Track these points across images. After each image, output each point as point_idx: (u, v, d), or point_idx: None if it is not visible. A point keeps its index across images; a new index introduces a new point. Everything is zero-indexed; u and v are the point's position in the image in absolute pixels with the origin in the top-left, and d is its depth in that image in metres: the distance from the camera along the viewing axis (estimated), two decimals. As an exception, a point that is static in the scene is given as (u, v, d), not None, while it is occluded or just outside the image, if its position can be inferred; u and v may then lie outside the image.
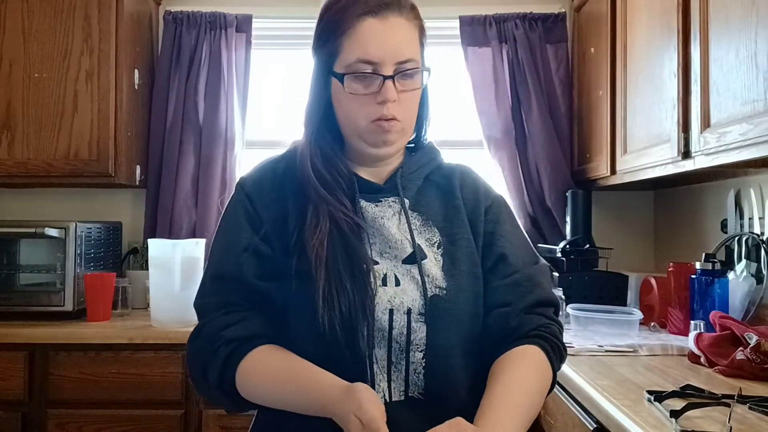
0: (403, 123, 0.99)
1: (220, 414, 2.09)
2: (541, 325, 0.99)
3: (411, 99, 1.00)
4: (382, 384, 0.93)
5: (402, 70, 0.96)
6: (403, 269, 0.98)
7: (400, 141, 1.01)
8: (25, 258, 2.44)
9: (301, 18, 2.78)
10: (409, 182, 1.05)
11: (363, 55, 0.96)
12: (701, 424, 1.11)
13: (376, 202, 1.02)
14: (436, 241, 1.01)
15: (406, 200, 1.03)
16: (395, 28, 0.97)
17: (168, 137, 2.66)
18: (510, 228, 1.07)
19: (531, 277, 1.03)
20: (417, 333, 0.94)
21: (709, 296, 1.81)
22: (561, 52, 2.68)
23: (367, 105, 0.97)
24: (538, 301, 1.02)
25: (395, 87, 0.96)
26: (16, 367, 2.10)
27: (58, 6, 2.41)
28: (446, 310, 0.96)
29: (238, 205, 1.02)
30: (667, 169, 1.80)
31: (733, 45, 1.43)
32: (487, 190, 1.10)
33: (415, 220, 1.02)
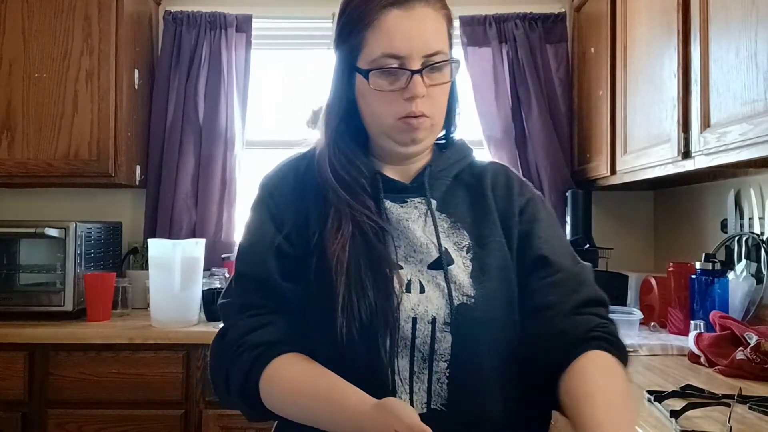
0: (433, 119, 0.94)
1: (220, 414, 2.09)
2: (598, 326, 0.91)
3: (440, 93, 0.94)
4: (404, 396, 0.88)
5: (430, 64, 0.91)
6: (428, 275, 0.92)
7: (429, 138, 0.97)
8: (25, 258, 2.44)
9: (301, 18, 2.79)
10: (436, 181, 0.99)
11: (388, 49, 0.90)
12: (701, 424, 1.11)
13: (402, 203, 0.97)
14: (465, 244, 0.95)
15: (433, 201, 0.98)
16: (422, 18, 0.91)
17: (168, 137, 2.66)
18: (548, 227, 1.00)
19: (576, 275, 0.96)
20: (441, 343, 0.89)
21: (709, 296, 1.81)
22: (561, 52, 2.68)
23: (394, 102, 0.92)
24: (587, 299, 0.94)
25: (423, 81, 0.91)
26: (16, 367, 2.10)
27: (58, 6, 2.41)
28: (474, 319, 0.90)
29: (262, 204, 0.99)
30: (667, 169, 1.80)
31: (733, 45, 1.43)
32: (521, 189, 1.03)
33: (442, 222, 0.97)
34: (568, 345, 0.88)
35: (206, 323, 2.26)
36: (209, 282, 2.41)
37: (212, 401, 2.10)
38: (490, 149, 2.65)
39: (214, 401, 2.10)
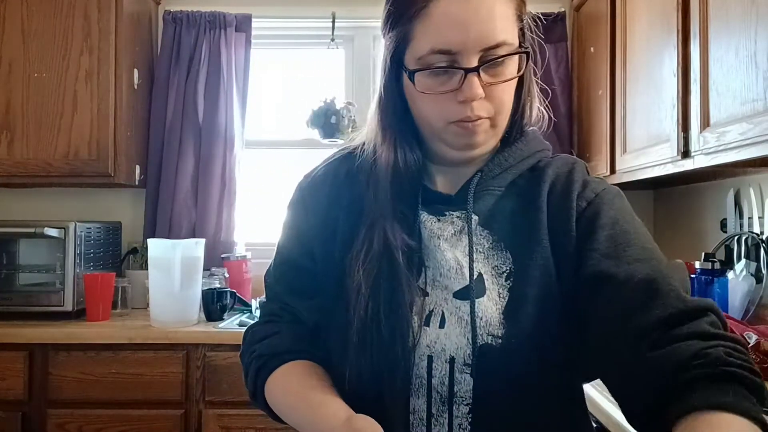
0: (495, 120, 0.80)
1: (220, 414, 2.09)
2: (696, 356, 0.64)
3: (503, 91, 0.79)
4: None
5: (490, 59, 0.76)
6: (452, 305, 0.80)
7: (491, 141, 0.83)
8: (24, 258, 2.43)
9: (301, 18, 2.78)
10: (485, 190, 0.84)
11: (438, 43, 0.75)
12: (701, 424, 1.10)
13: (439, 216, 0.84)
14: (505, 270, 0.81)
15: (475, 216, 0.83)
16: (481, 4, 0.75)
17: (168, 137, 2.66)
18: (611, 232, 0.79)
19: (647, 284, 0.72)
20: (462, 385, 0.78)
21: (709, 296, 1.81)
22: (561, 51, 2.68)
23: (446, 104, 0.78)
24: (667, 316, 0.68)
25: (481, 80, 0.76)
26: (16, 367, 2.10)
27: (57, 6, 2.41)
28: (501, 364, 0.77)
29: (292, 208, 0.93)
30: (666, 169, 1.80)
31: (732, 44, 1.43)
32: (583, 189, 0.83)
33: (483, 240, 0.83)
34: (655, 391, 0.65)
35: (206, 323, 2.26)
36: (209, 282, 2.41)
37: (212, 401, 2.10)
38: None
39: (214, 401, 2.10)
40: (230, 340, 2.10)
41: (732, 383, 0.62)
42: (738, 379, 0.62)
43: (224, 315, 2.31)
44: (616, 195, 0.84)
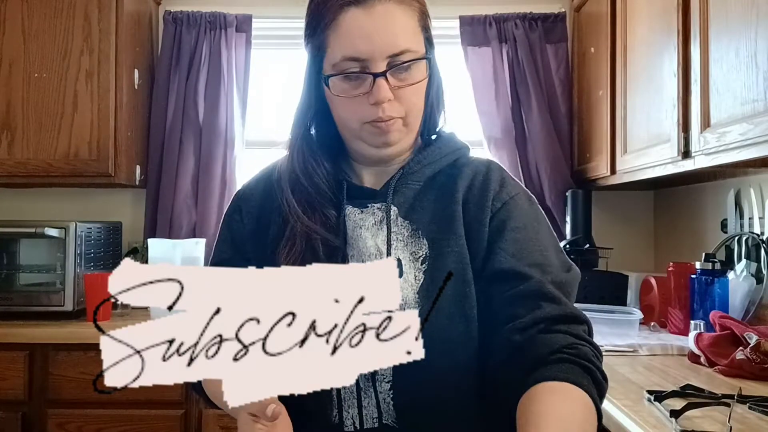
0: (406, 119, 0.88)
1: (220, 414, 2.09)
2: (566, 347, 0.78)
3: (412, 93, 0.87)
4: (351, 410, 0.86)
5: (396, 64, 0.84)
6: None
7: (406, 139, 0.91)
8: (25, 258, 2.44)
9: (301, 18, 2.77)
10: (405, 185, 0.93)
11: (348, 51, 0.84)
12: (701, 424, 1.11)
13: (363, 208, 0.92)
14: (421, 255, 0.88)
15: (395, 207, 0.91)
16: (384, 16, 0.83)
17: (168, 137, 2.66)
18: (521, 235, 0.89)
19: (540, 288, 0.84)
20: None
21: (709, 296, 1.81)
22: (561, 52, 2.68)
23: (360, 106, 0.86)
24: (556, 316, 0.82)
25: (389, 84, 0.84)
26: (16, 367, 2.10)
27: (57, 6, 2.41)
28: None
29: (226, 218, 0.99)
30: (667, 169, 1.80)
31: (733, 45, 1.43)
32: (500, 191, 0.92)
33: (403, 229, 0.90)
34: (527, 366, 0.78)
35: (206, 323, 2.26)
36: (209, 282, 2.40)
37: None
38: (490, 149, 2.65)
39: (214, 401, 2.10)
40: (230, 340, 2.10)
41: (587, 375, 0.76)
42: (592, 375, 0.77)
43: (224, 315, 2.31)
44: (528, 200, 0.94)
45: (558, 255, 0.90)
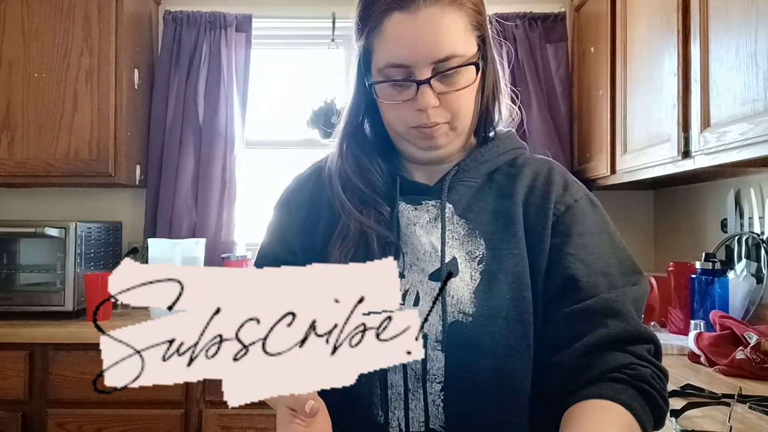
0: (453, 123, 0.86)
1: (221, 414, 2.09)
2: (624, 366, 0.75)
3: (458, 98, 0.85)
4: (397, 412, 0.83)
5: (441, 71, 0.82)
6: (427, 286, 0.85)
7: (455, 142, 0.89)
8: (25, 258, 2.43)
9: (301, 18, 2.79)
10: (460, 182, 0.90)
11: (392, 58, 0.82)
12: (701, 424, 1.11)
13: (416, 205, 0.90)
14: (478, 255, 0.85)
15: (450, 205, 0.89)
16: (428, 21, 0.81)
17: (168, 137, 2.66)
18: (588, 241, 0.85)
19: (610, 303, 0.80)
20: (434, 362, 0.82)
21: (709, 296, 1.81)
22: (561, 51, 2.68)
23: (405, 111, 0.85)
24: (620, 334, 0.78)
25: (433, 90, 0.82)
26: (16, 366, 2.10)
27: (57, 6, 2.41)
28: (471, 339, 0.81)
29: (277, 209, 1.00)
30: (667, 169, 1.80)
31: (733, 44, 1.43)
32: (563, 194, 0.89)
33: (459, 228, 0.88)
34: (581, 384, 0.75)
35: (206, 323, 2.26)
36: (209, 282, 2.40)
37: (212, 401, 2.10)
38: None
39: (215, 401, 2.10)
40: (230, 340, 2.10)
41: (640, 397, 0.73)
42: (647, 398, 0.74)
43: (224, 315, 2.31)
44: (592, 204, 0.90)
45: (625, 264, 0.86)
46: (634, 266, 0.86)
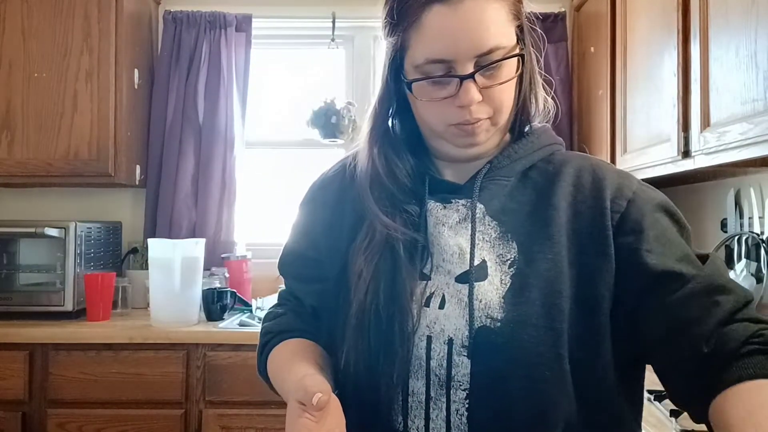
0: (495, 118, 0.82)
1: (220, 414, 2.09)
2: (753, 335, 0.70)
3: (501, 92, 0.81)
4: (417, 420, 0.79)
5: (485, 64, 0.78)
6: (453, 289, 0.81)
7: (494, 138, 0.85)
8: (25, 258, 2.43)
9: (301, 18, 2.79)
10: (493, 181, 0.86)
11: (432, 53, 0.78)
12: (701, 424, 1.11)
13: (446, 204, 0.86)
14: (509, 258, 0.81)
15: (481, 204, 0.84)
16: (471, 12, 0.76)
17: (168, 137, 2.66)
18: (660, 231, 0.80)
19: (711, 279, 0.76)
20: (459, 368, 0.77)
21: (709, 296, 1.81)
22: (561, 51, 2.68)
23: (446, 109, 0.81)
24: (733, 306, 0.73)
25: (477, 85, 0.78)
26: (16, 366, 2.10)
27: (57, 6, 2.41)
28: (499, 346, 0.76)
29: (302, 207, 0.98)
30: (666, 169, 1.80)
31: (733, 44, 1.43)
32: (619, 190, 0.82)
33: (490, 230, 0.83)
34: (718, 368, 0.70)
35: (206, 323, 2.26)
36: (209, 282, 2.41)
37: (212, 401, 2.10)
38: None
39: (215, 401, 2.10)
40: (230, 339, 2.10)
41: None
42: None
43: (224, 315, 2.31)
44: (648, 188, 0.85)
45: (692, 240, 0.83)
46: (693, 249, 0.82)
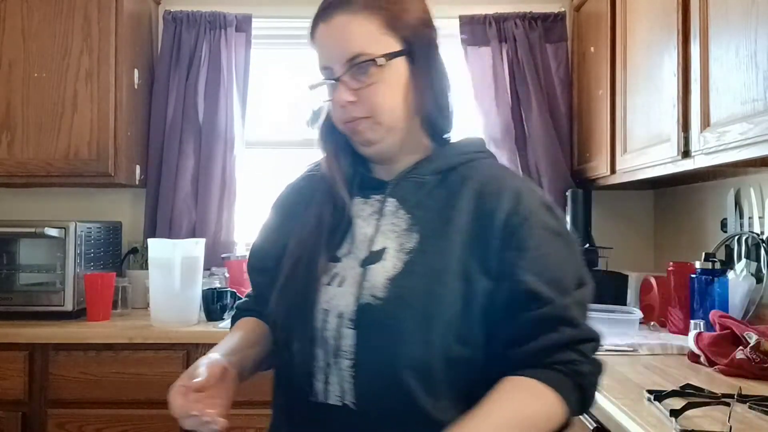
0: (377, 118, 0.92)
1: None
2: (565, 362, 0.85)
3: (373, 94, 0.92)
4: (319, 384, 0.90)
5: (352, 67, 0.91)
6: (355, 271, 0.92)
7: (388, 138, 0.95)
8: (25, 258, 2.43)
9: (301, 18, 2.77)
10: (408, 180, 0.96)
11: (320, 62, 0.97)
12: (701, 424, 1.11)
13: (366, 198, 0.98)
14: (409, 247, 0.91)
15: (392, 199, 0.95)
16: (340, 26, 0.93)
17: (168, 137, 2.66)
18: (543, 252, 0.89)
19: (565, 310, 0.87)
20: (346, 339, 0.88)
21: (709, 295, 1.81)
22: (561, 51, 2.68)
23: (335, 109, 0.96)
24: (571, 339, 0.87)
25: (346, 86, 0.92)
26: (16, 367, 2.10)
27: (57, 6, 2.41)
28: (380, 321, 0.87)
29: (271, 210, 1.11)
30: (667, 169, 1.80)
31: (733, 44, 1.43)
32: (515, 207, 0.90)
33: (401, 221, 0.93)
34: (517, 368, 0.85)
35: (206, 323, 2.26)
36: (209, 282, 2.41)
37: (212, 401, 2.10)
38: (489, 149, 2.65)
39: (214, 401, 2.10)
40: (230, 340, 2.10)
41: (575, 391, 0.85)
42: (582, 392, 0.86)
43: (224, 315, 2.31)
44: (550, 212, 0.93)
45: (577, 271, 0.91)
46: (583, 270, 0.92)
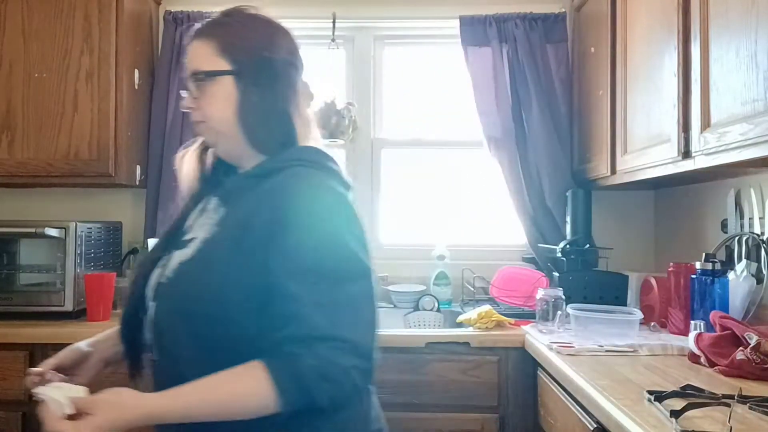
0: (210, 123, 1.12)
1: (220, 414, 2.09)
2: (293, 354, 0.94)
3: (207, 105, 1.11)
4: (152, 347, 1.12)
5: (191, 80, 1.13)
6: (170, 257, 1.12)
7: (225, 143, 1.13)
8: (25, 258, 2.43)
9: (301, 18, 2.78)
10: (235, 181, 1.14)
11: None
12: (701, 424, 1.10)
13: (211, 197, 1.16)
14: (207, 238, 1.08)
15: (215, 198, 1.14)
16: (191, 49, 1.14)
17: (168, 137, 2.66)
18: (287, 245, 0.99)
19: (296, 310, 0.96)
20: (151, 311, 1.10)
21: (709, 296, 1.81)
22: (561, 51, 2.68)
23: None
24: (301, 335, 0.95)
25: (191, 95, 1.14)
26: (16, 367, 2.10)
27: (58, 6, 2.41)
28: (166, 295, 1.08)
29: None
30: (667, 169, 1.80)
31: (733, 44, 1.43)
32: (281, 203, 1.02)
33: (215, 217, 1.10)
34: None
35: (206, 323, 2.26)
36: (209, 282, 2.40)
37: (212, 401, 2.10)
38: (490, 149, 2.65)
39: (214, 401, 2.10)
40: (230, 340, 2.10)
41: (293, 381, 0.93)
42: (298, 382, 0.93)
43: (224, 315, 2.31)
44: (311, 212, 1.01)
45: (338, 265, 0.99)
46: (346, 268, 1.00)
